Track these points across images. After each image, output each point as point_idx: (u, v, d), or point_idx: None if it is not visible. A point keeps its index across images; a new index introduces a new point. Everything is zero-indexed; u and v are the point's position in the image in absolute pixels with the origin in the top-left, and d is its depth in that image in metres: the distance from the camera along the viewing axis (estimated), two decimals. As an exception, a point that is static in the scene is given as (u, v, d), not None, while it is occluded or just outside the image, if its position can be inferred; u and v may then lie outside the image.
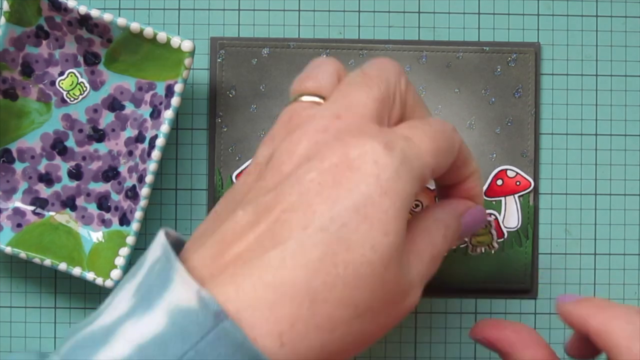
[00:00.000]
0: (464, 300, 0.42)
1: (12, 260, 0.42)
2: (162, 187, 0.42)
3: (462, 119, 0.42)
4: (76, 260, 0.40)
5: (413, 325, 0.42)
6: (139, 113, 0.40)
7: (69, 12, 0.38)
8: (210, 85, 0.42)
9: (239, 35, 0.42)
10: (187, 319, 0.26)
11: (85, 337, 0.27)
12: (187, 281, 0.27)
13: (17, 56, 0.40)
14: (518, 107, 0.42)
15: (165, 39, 0.38)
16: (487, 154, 0.42)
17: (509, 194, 0.42)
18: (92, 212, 0.41)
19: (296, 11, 0.42)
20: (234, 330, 0.26)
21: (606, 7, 0.42)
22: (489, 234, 0.41)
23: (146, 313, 0.27)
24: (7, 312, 0.42)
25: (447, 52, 0.42)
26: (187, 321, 0.26)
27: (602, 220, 0.42)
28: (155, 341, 0.26)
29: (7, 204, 0.41)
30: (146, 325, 0.26)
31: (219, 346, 0.26)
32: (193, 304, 0.26)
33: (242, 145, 0.41)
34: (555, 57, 0.42)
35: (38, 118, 0.41)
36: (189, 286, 0.26)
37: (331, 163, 0.28)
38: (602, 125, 0.42)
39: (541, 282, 0.42)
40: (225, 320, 0.26)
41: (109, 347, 0.26)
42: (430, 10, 0.42)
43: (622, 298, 0.42)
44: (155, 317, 0.26)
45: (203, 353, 0.26)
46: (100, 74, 0.40)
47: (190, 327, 0.26)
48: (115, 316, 0.27)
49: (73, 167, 0.41)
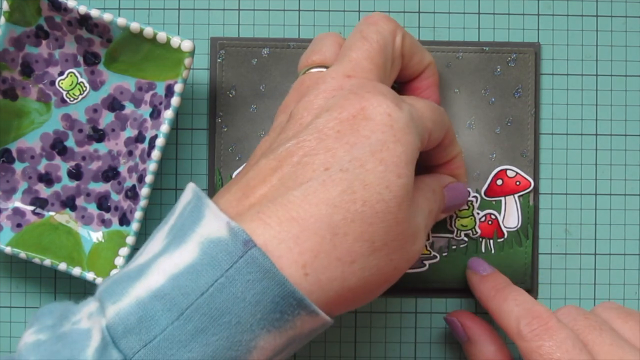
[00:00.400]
0: (463, 300, 0.42)
1: (12, 260, 0.42)
2: (162, 187, 0.42)
3: (462, 119, 0.42)
4: (76, 260, 0.40)
5: (413, 326, 0.42)
6: (139, 113, 0.40)
7: (69, 12, 0.38)
8: (210, 85, 0.42)
9: (239, 35, 0.42)
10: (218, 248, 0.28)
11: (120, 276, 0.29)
12: (218, 214, 0.29)
13: (17, 56, 0.40)
14: (518, 107, 0.42)
15: (165, 39, 0.38)
16: (487, 154, 0.42)
17: (509, 193, 0.42)
18: (92, 212, 0.41)
19: (296, 11, 0.42)
20: (261, 257, 0.28)
21: (606, 7, 0.42)
22: (472, 216, 0.41)
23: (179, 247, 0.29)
24: (7, 312, 0.42)
25: (447, 52, 0.42)
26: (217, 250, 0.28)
27: (602, 220, 0.42)
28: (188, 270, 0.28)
29: (7, 204, 0.41)
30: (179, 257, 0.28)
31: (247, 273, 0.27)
32: (223, 234, 0.28)
33: (242, 145, 0.41)
34: (555, 57, 0.42)
35: (38, 118, 0.41)
36: (219, 219, 0.28)
37: (349, 114, 0.31)
38: (602, 125, 0.42)
39: (541, 282, 0.42)
40: (253, 248, 0.28)
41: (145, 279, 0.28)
42: (430, 10, 0.42)
43: (622, 298, 0.42)
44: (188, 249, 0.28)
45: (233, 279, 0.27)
46: (100, 74, 0.40)
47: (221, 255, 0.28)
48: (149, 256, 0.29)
49: (73, 167, 0.41)
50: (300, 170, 0.30)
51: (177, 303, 0.27)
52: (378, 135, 0.30)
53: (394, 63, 0.35)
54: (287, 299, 0.28)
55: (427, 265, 0.42)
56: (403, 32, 0.35)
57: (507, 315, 0.35)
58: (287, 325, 0.28)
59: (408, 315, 0.42)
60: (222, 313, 0.27)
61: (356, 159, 0.30)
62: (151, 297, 0.28)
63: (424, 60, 0.37)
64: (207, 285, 0.27)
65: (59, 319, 0.29)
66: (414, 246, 0.32)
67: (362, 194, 0.29)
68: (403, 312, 0.42)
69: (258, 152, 0.33)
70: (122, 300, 0.28)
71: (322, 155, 0.30)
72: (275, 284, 0.28)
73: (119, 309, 0.28)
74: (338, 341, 0.42)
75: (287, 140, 0.31)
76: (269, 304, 0.28)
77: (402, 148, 0.30)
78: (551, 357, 0.32)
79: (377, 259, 0.30)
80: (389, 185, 0.30)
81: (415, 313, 0.42)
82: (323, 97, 0.32)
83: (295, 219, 0.29)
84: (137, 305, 0.28)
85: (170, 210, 0.32)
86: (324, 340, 0.42)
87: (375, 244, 0.30)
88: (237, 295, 0.27)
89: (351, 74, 0.33)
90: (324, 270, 0.29)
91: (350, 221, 0.29)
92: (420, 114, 0.33)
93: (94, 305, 0.29)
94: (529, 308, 0.34)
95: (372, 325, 0.42)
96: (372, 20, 0.35)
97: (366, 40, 0.34)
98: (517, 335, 0.34)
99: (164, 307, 0.27)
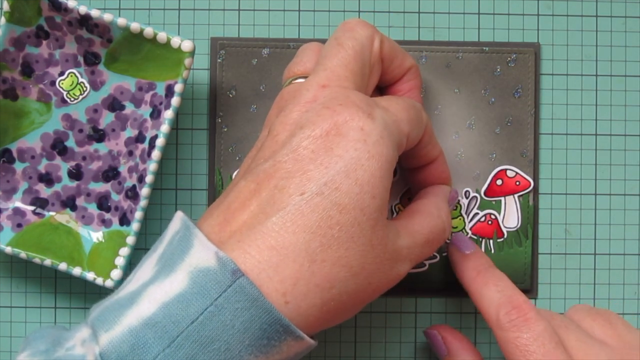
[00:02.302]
0: (463, 300, 0.42)
1: (12, 260, 0.42)
2: (162, 187, 0.42)
3: (462, 119, 0.42)
4: (76, 260, 0.40)
5: (413, 326, 0.42)
6: (139, 113, 0.40)
7: (69, 12, 0.38)
8: (211, 85, 0.42)
9: (239, 36, 0.42)
10: (207, 277, 0.29)
11: (112, 303, 0.30)
12: (206, 244, 0.29)
13: (17, 56, 0.40)
14: (518, 107, 0.42)
15: (166, 39, 0.38)
16: (487, 154, 0.42)
17: (509, 193, 0.42)
18: (92, 212, 0.41)
19: (296, 11, 0.42)
20: (249, 286, 0.28)
21: (606, 7, 0.42)
22: (461, 216, 0.41)
23: (169, 276, 0.29)
24: (7, 312, 0.42)
25: (447, 52, 0.42)
26: (207, 280, 0.28)
27: (602, 220, 0.42)
28: (178, 299, 0.29)
29: (7, 204, 0.41)
30: (169, 286, 0.29)
31: (236, 301, 0.28)
32: (212, 264, 0.29)
33: (242, 145, 0.42)
34: (555, 57, 0.42)
35: (38, 118, 0.41)
36: (207, 248, 0.29)
37: (322, 130, 0.30)
38: (602, 125, 0.42)
39: (541, 282, 0.42)
40: (241, 277, 0.28)
41: (136, 307, 0.29)
42: (430, 10, 0.42)
43: (622, 298, 0.42)
44: (178, 278, 0.29)
45: (222, 307, 0.28)
46: (101, 74, 0.40)
47: (210, 285, 0.28)
48: (139, 283, 0.30)
49: (73, 167, 0.41)
50: (277, 195, 0.30)
51: (168, 331, 0.28)
52: (351, 153, 0.30)
53: (374, 68, 0.35)
54: (274, 325, 0.29)
55: (427, 265, 0.42)
56: (381, 37, 0.35)
57: (487, 301, 0.35)
58: (274, 350, 0.29)
59: (408, 315, 0.42)
60: (212, 340, 0.28)
61: (331, 181, 0.30)
62: (143, 326, 0.28)
63: (405, 64, 0.36)
64: (197, 313, 0.28)
65: (52, 344, 0.30)
66: (393, 270, 0.32)
67: (339, 218, 0.30)
68: (403, 312, 0.42)
69: (241, 169, 0.34)
70: (115, 328, 0.29)
71: (297, 178, 0.30)
72: (263, 311, 0.28)
73: (111, 337, 0.28)
74: (338, 341, 0.42)
75: (265, 160, 0.31)
76: (256, 331, 0.29)
77: (376, 164, 0.30)
78: (527, 349, 0.33)
79: (356, 283, 0.31)
80: (363, 208, 0.30)
81: (415, 313, 0.42)
82: (297, 111, 0.32)
83: (275, 248, 0.29)
84: (129, 333, 0.28)
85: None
86: (324, 340, 0.42)
87: (353, 268, 0.30)
88: (226, 322, 0.28)
89: (326, 84, 0.32)
90: (304, 297, 0.29)
91: (328, 247, 0.29)
92: (396, 117, 0.33)
93: (87, 331, 0.30)
94: (509, 296, 0.35)
95: (372, 325, 0.42)
96: (348, 26, 0.34)
97: (341, 47, 0.33)
98: (495, 323, 0.34)
99: (155, 335, 0.28)
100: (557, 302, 0.42)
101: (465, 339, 0.39)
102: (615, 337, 0.35)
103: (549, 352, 0.33)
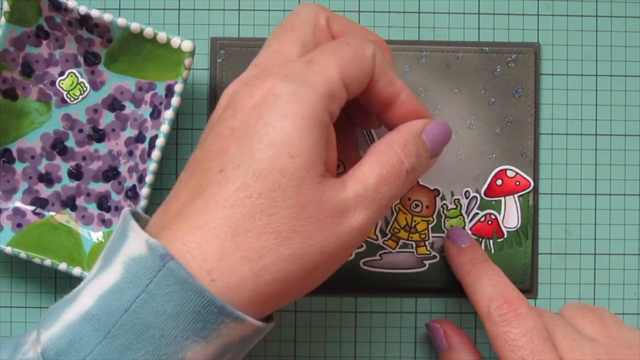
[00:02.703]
0: (463, 300, 0.42)
1: (12, 260, 0.42)
2: (162, 187, 0.42)
3: (462, 119, 0.42)
4: (76, 260, 0.40)
5: (413, 326, 0.42)
6: (139, 113, 0.40)
7: (69, 12, 0.38)
8: (210, 85, 0.42)
9: (239, 35, 0.42)
10: (139, 265, 0.28)
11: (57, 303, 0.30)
12: (139, 233, 0.29)
13: (17, 56, 0.40)
14: (518, 107, 0.42)
15: (166, 39, 0.38)
16: (487, 154, 0.42)
17: (509, 193, 0.42)
18: (92, 212, 0.41)
19: (296, 11, 0.42)
20: (177, 269, 0.28)
21: (606, 7, 0.42)
22: (461, 216, 0.41)
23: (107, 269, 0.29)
24: (7, 312, 0.42)
25: (447, 52, 0.42)
26: (138, 267, 0.28)
27: (602, 220, 0.42)
28: (112, 289, 0.28)
29: (7, 204, 0.41)
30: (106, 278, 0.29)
31: (166, 286, 0.28)
32: (143, 251, 0.28)
33: (242, 145, 0.41)
34: (555, 57, 0.42)
35: (38, 118, 0.41)
36: (139, 237, 0.29)
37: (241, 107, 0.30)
38: (602, 125, 0.42)
39: (541, 282, 0.42)
40: (170, 261, 0.28)
41: (76, 303, 0.29)
42: (430, 10, 0.42)
43: (622, 298, 0.42)
44: (114, 269, 0.29)
45: (153, 293, 0.28)
46: (100, 74, 0.40)
47: (141, 272, 0.28)
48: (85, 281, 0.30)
49: (73, 167, 0.41)
50: (202, 178, 0.30)
51: (104, 323, 0.28)
52: (264, 119, 0.29)
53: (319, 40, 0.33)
54: (208, 307, 0.28)
55: (427, 265, 0.42)
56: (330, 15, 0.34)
57: (480, 294, 0.35)
58: (213, 334, 0.29)
59: (408, 315, 0.42)
60: (146, 328, 0.28)
61: (247, 152, 0.29)
62: (80, 320, 0.28)
63: (395, 88, 0.34)
64: (129, 302, 0.28)
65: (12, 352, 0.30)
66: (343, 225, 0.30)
67: (256, 186, 0.29)
68: (403, 312, 0.42)
69: None
70: (54, 325, 0.29)
71: (219, 158, 0.30)
72: (194, 293, 0.28)
73: (51, 334, 0.28)
74: (338, 341, 0.42)
75: (197, 148, 0.32)
76: (190, 314, 0.28)
77: (291, 123, 0.29)
78: (515, 343, 0.33)
79: (291, 248, 0.29)
80: (282, 169, 0.29)
81: (415, 313, 0.42)
82: (227, 94, 0.32)
83: (198, 227, 0.29)
84: (67, 329, 0.28)
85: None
86: (324, 340, 0.42)
87: (282, 234, 0.29)
88: (157, 309, 0.28)
89: (258, 62, 0.32)
90: (231, 272, 0.28)
91: (250, 217, 0.29)
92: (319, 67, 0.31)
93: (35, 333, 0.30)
94: (501, 290, 0.35)
95: (372, 325, 0.42)
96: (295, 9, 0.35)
97: (280, 25, 0.34)
98: (486, 316, 0.35)
99: (92, 328, 0.28)
100: (557, 302, 0.42)
101: (466, 336, 0.39)
102: (605, 334, 0.35)
103: (537, 348, 0.33)
